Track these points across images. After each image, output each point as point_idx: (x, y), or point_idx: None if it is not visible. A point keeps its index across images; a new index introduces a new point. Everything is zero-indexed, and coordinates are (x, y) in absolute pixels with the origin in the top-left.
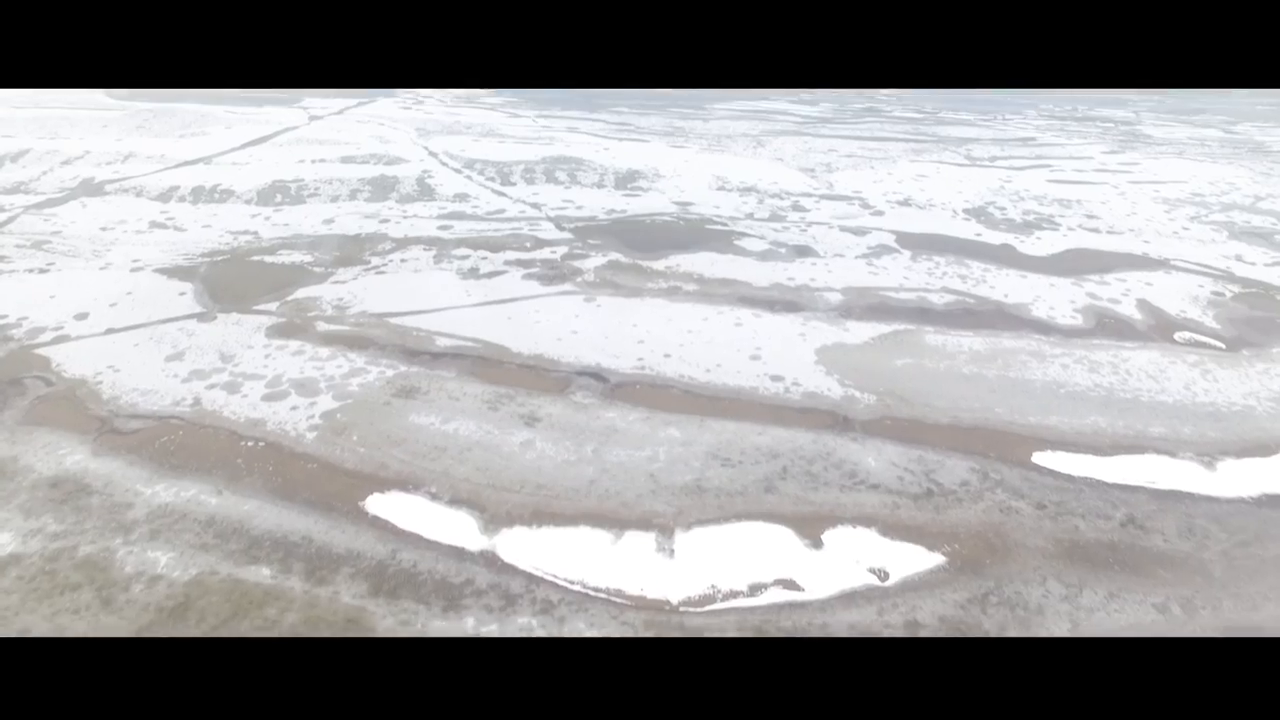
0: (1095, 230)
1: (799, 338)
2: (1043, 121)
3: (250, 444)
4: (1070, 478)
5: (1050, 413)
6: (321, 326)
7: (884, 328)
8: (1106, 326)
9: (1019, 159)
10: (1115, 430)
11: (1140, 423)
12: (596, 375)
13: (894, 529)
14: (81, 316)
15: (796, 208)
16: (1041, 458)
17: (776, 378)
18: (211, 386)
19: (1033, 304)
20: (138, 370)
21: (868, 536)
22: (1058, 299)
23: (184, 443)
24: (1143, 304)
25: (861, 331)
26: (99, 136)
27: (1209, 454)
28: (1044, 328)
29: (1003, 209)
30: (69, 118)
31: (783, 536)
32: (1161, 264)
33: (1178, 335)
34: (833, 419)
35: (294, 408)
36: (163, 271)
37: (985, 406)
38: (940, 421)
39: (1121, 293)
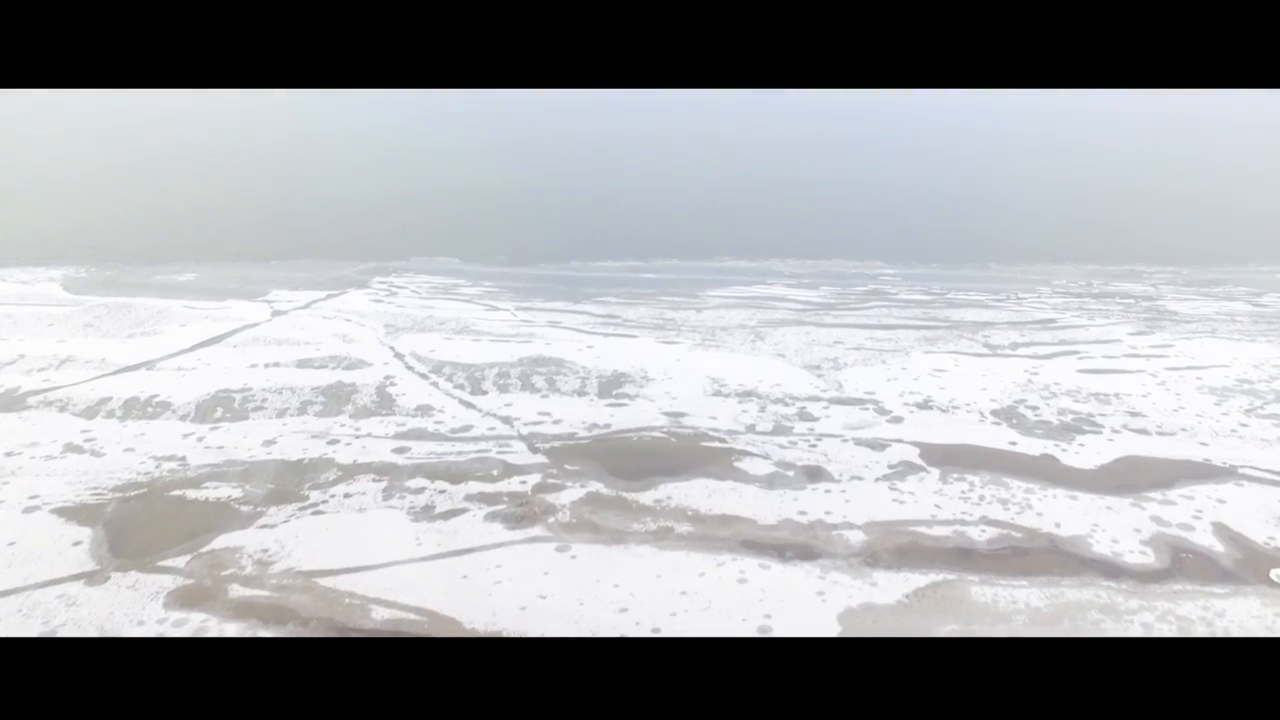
0: (1143, 431)
1: (817, 598)
2: (1059, 299)
3: None
4: None
5: None
6: (235, 591)
7: (919, 579)
8: (1185, 565)
9: (1042, 345)
10: None
11: None
12: None
13: None
14: None
15: (803, 415)
16: None
17: None
18: None
19: (1091, 536)
20: None
21: None
22: (1119, 527)
23: None
24: (1220, 530)
25: (892, 586)
26: (40, 337)
27: None
28: (1111, 570)
29: (1035, 409)
30: (13, 315)
31: None
32: (1228, 473)
33: (1274, 573)
34: None
35: None
36: (61, 512)
37: None
38: None
39: (1192, 515)
